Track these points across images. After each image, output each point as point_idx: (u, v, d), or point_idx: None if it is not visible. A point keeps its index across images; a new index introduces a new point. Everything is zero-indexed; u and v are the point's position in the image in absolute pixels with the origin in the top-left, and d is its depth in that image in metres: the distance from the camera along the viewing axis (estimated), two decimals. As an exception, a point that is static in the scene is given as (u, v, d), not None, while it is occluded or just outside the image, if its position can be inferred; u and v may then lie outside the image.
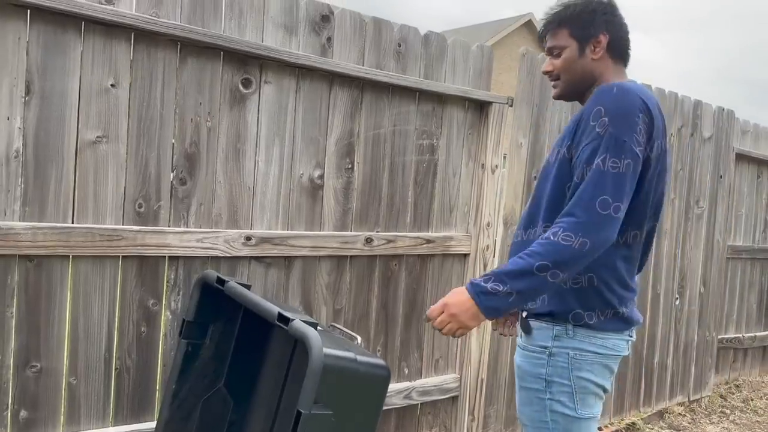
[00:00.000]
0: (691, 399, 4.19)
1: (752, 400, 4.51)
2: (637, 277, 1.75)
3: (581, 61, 1.70)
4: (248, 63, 2.21)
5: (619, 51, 1.73)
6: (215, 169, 2.19)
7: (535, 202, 1.73)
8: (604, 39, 1.69)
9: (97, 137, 1.97)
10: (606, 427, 3.62)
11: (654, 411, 3.93)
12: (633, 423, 3.72)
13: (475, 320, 1.53)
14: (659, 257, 3.79)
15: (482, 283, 1.51)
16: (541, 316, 1.67)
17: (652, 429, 3.78)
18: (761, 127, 4.65)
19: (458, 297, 1.53)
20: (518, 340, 1.77)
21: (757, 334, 4.84)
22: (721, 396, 4.50)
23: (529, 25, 22.94)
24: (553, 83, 1.78)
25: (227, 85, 2.18)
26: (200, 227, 2.17)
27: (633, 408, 3.79)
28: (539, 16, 1.86)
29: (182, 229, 2.13)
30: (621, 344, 1.69)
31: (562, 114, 3.19)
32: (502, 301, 1.50)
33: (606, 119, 1.53)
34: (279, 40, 2.26)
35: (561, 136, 1.71)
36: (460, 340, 2.99)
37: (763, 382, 4.93)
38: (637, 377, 3.79)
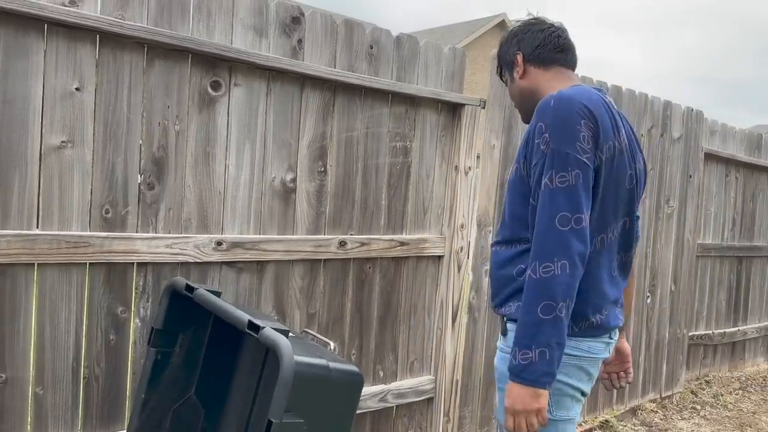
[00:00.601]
0: (663, 395, 4.25)
1: (722, 395, 4.59)
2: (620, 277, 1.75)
3: (513, 86, 1.83)
4: (217, 65, 2.18)
5: (543, 58, 1.77)
6: (184, 173, 2.15)
7: (504, 216, 1.76)
8: (518, 57, 1.79)
9: (62, 142, 1.92)
10: (579, 425, 3.65)
11: (627, 408, 3.98)
12: (606, 421, 3.77)
13: (538, 399, 1.49)
14: (631, 256, 3.84)
15: (518, 363, 1.49)
16: (513, 320, 1.65)
17: (625, 426, 3.83)
18: (729, 126, 4.74)
19: (513, 394, 1.51)
20: (498, 344, 1.77)
21: (727, 330, 4.94)
22: (692, 392, 4.57)
23: (502, 25, 23.08)
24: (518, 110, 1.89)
25: (196, 87, 2.15)
26: (169, 233, 2.13)
27: (606, 406, 3.84)
28: (512, 17, 1.89)
29: (151, 234, 2.09)
30: (598, 347, 1.68)
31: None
32: (541, 363, 1.47)
33: (547, 135, 1.53)
34: (249, 42, 2.23)
35: (519, 150, 1.71)
36: (435, 342, 2.99)
37: (732, 377, 5.03)
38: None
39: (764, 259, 5.27)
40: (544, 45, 1.76)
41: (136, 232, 2.07)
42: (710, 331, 4.77)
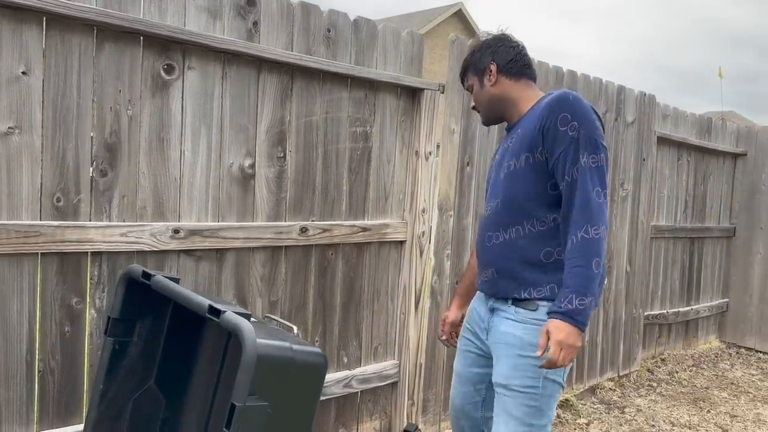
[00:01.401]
0: (621, 374, 4.36)
1: (677, 372, 4.74)
2: None
3: (484, 91, 2.03)
4: (170, 48, 2.13)
5: (515, 71, 1.99)
6: (138, 159, 2.10)
7: (504, 205, 1.90)
8: (493, 67, 1.99)
9: (9, 128, 1.85)
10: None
11: (586, 387, 4.07)
12: (567, 400, 3.85)
13: (581, 339, 1.73)
14: (588, 238, 3.91)
15: (574, 308, 1.70)
16: (546, 299, 1.83)
17: (585, 405, 3.92)
18: (680, 111, 4.87)
19: (565, 331, 1.69)
20: (513, 316, 1.88)
21: (680, 309, 5.09)
22: (649, 370, 4.71)
23: (459, 14, 23.22)
24: (480, 114, 2.10)
25: (148, 71, 2.09)
26: (124, 221, 2.08)
27: (566, 385, 3.92)
28: (469, 6, 1.94)
29: (105, 223, 2.03)
30: None
31: (492, 100, 3.23)
32: (589, 309, 1.72)
33: (576, 123, 1.77)
34: (203, 25, 2.19)
35: (517, 143, 1.90)
36: (398, 326, 3.00)
37: (686, 355, 5.19)
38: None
39: (715, 239, 5.45)
40: (516, 60, 1.99)
41: (90, 221, 2.01)
42: (665, 311, 4.92)
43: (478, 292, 2.10)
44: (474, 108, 2.11)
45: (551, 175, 1.82)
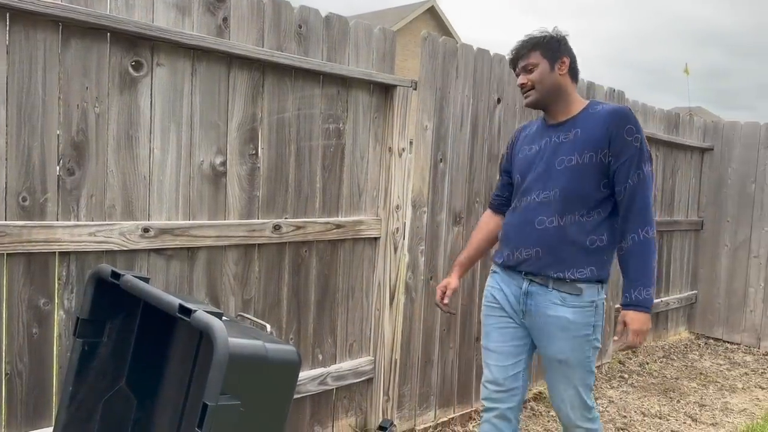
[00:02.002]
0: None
1: (647, 363, 4.83)
2: None
3: (552, 75, 2.20)
4: (138, 44, 2.09)
5: (575, 74, 2.25)
6: (106, 158, 2.06)
7: (562, 194, 2.15)
8: (567, 61, 2.21)
9: (-30, 126, 1.80)
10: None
11: (560, 380, 4.12)
12: (540, 392, 3.89)
13: (650, 321, 2.09)
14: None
15: (644, 298, 2.06)
16: (588, 281, 2.14)
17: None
18: (649, 106, 4.95)
19: (639, 320, 2.06)
20: (560, 302, 2.16)
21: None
22: (620, 362, 4.79)
23: (432, 11, 23.27)
24: (526, 93, 2.24)
25: (116, 68, 2.06)
26: (92, 220, 2.05)
27: (540, 378, 3.96)
28: (441, 3, 1.97)
29: (72, 222, 2.00)
30: None
31: (464, 98, 3.25)
32: (653, 297, 2.08)
33: (639, 135, 2.10)
34: (171, 21, 2.16)
35: (579, 141, 2.15)
36: (373, 322, 3.00)
37: (656, 346, 5.29)
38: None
39: (683, 233, 5.56)
40: (578, 66, 2.27)
41: (57, 220, 1.98)
42: (635, 303, 4.99)
43: (498, 273, 2.35)
44: (524, 85, 2.23)
45: (606, 175, 2.12)
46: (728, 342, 5.57)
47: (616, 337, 2.12)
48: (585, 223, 2.14)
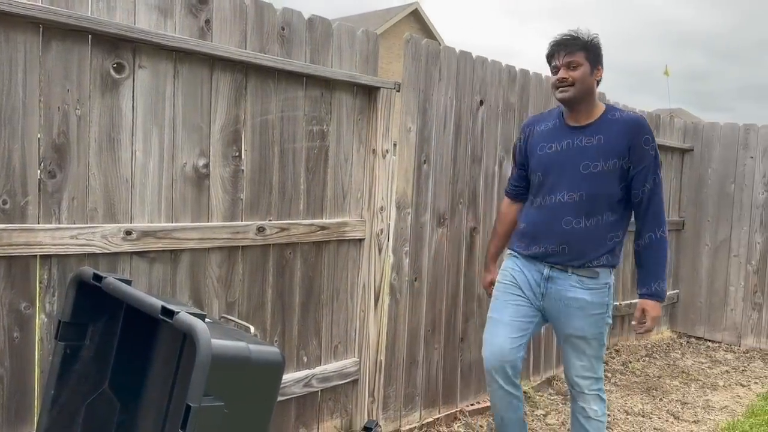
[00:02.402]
0: (577, 365, 4.46)
1: (630, 362, 4.88)
2: None
3: (590, 79, 2.41)
4: (120, 47, 2.09)
5: (599, 82, 2.49)
6: (88, 160, 2.05)
7: (587, 197, 2.40)
8: (602, 69, 2.46)
9: (-51, 128, 1.79)
10: (501, 398, 3.78)
11: (543, 379, 4.15)
12: (525, 392, 3.91)
13: (662, 308, 2.45)
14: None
15: (661, 290, 2.41)
16: (604, 266, 2.45)
17: (542, 396, 4.00)
18: (630, 108, 5.00)
19: (655, 308, 2.42)
20: (579, 284, 2.45)
21: (632, 301, 5.23)
22: (604, 361, 4.82)
23: (415, 14, 23.36)
24: (563, 88, 2.41)
25: (97, 70, 2.05)
26: (74, 223, 2.03)
27: (524, 378, 3.99)
28: (425, 6, 1.98)
29: (54, 225, 1.99)
30: None
31: (447, 99, 3.27)
32: (666, 288, 2.45)
33: (653, 145, 2.39)
34: (153, 23, 2.15)
35: (603, 148, 2.39)
36: (358, 324, 3.01)
37: (639, 345, 5.35)
38: (527, 348, 3.98)
39: (665, 232, 5.61)
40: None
41: (38, 224, 1.96)
42: (618, 303, 5.05)
43: (518, 257, 2.59)
44: (565, 80, 2.40)
45: (625, 180, 2.40)
46: (710, 340, 5.64)
47: (635, 322, 2.45)
48: (606, 223, 2.43)
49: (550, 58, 2.48)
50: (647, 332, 2.46)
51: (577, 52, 2.39)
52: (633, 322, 2.47)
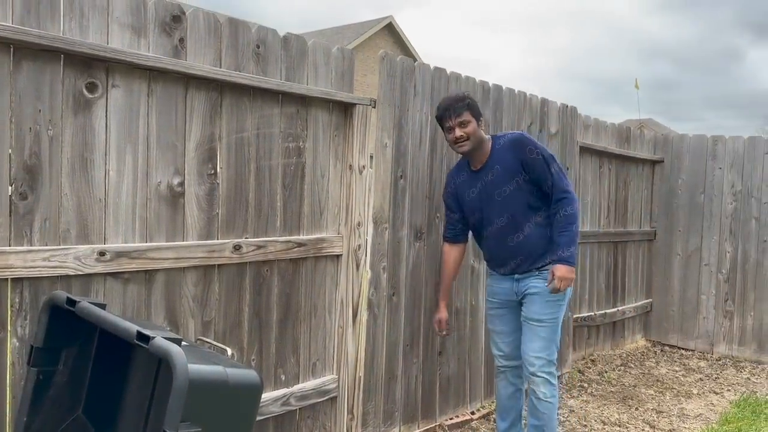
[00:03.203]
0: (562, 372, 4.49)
1: (606, 372, 4.93)
2: None
3: (478, 130, 2.92)
4: (93, 66, 2.07)
5: (485, 126, 3.03)
6: (60, 181, 2.02)
7: (513, 215, 2.91)
8: (483, 119, 2.98)
9: None
10: (479, 410, 3.79)
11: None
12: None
13: (573, 273, 2.82)
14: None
15: (572, 255, 2.81)
16: (545, 266, 2.93)
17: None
18: (601, 121, 5.09)
19: (566, 270, 2.80)
20: (538, 276, 2.94)
21: (607, 311, 5.30)
22: (579, 371, 4.87)
23: (390, 27, 23.54)
24: (461, 143, 2.91)
25: (70, 90, 2.03)
26: (46, 245, 2.00)
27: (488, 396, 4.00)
28: (399, 19, 2.03)
29: (25, 247, 1.95)
30: None
31: (422, 115, 3.30)
32: (575, 254, 2.86)
33: (537, 150, 2.90)
34: (127, 42, 2.14)
35: (500, 176, 2.92)
36: (336, 340, 3.00)
37: (614, 354, 5.41)
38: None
39: (637, 243, 5.71)
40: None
41: (9, 246, 1.93)
42: (593, 313, 5.11)
43: (495, 274, 3.10)
44: (461, 137, 2.89)
45: (534, 185, 2.88)
46: (683, 348, 5.72)
47: (546, 284, 2.86)
48: (538, 225, 2.92)
49: (441, 120, 2.96)
50: (555, 292, 2.83)
51: (463, 112, 2.87)
52: (546, 284, 2.88)
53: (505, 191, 2.90)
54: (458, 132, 2.88)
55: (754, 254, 5.40)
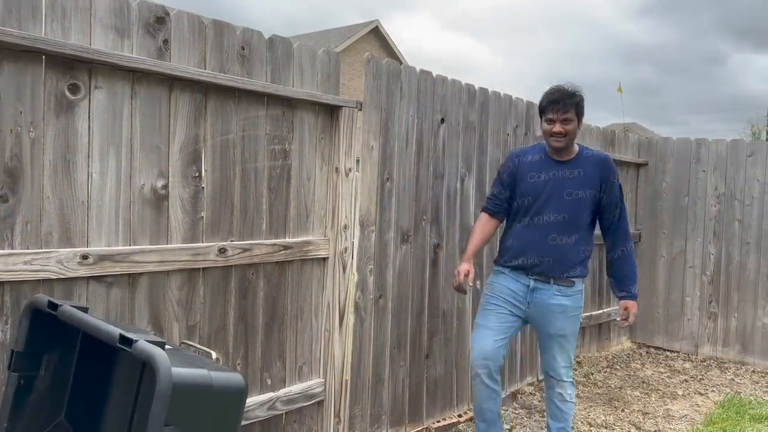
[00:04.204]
0: (539, 378, 4.51)
1: (592, 374, 4.95)
2: None
3: (576, 131, 2.93)
4: (75, 67, 2.04)
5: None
6: (42, 183, 2.00)
7: (569, 218, 2.90)
8: (582, 119, 2.96)
9: None
10: (466, 413, 3.79)
11: (508, 393, 4.18)
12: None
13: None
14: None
15: (636, 291, 3.01)
16: (578, 276, 2.96)
17: (507, 410, 4.02)
18: (586, 124, 5.11)
19: (635, 306, 3.00)
20: (558, 292, 2.94)
21: (593, 313, 5.33)
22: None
23: (376, 31, 23.59)
24: (558, 138, 2.90)
25: (52, 91, 2.00)
26: (28, 248, 1.97)
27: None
28: (384, 23, 1.99)
29: (6, 251, 1.92)
30: None
31: (408, 118, 3.30)
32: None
33: (618, 179, 2.99)
34: (109, 43, 2.12)
35: (579, 180, 2.92)
36: (323, 344, 2.98)
37: (600, 356, 5.43)
38: (507, 349, 4.00)
39: (623, 245, 5.73)
40: None
41: (-11, 249, 1.90)
42: (580, 315, 5.12)
43: (503, 273, 3.03)
44: (560, 133, 2.88)
45: (596, 205, 2.94)
46: (668, 350, 5.76)
47: (618, 318, 3.01)
48: (581, 239, 2.94)
49: (545, 109, 2.93)
50: (630, 324, 3.03)
51: (570, 110, 2.87)
52: (618, 319, 3.03)
53: (575, 194, 2.90)
54: (558, 127, 2.88)
55: (737, 256, 5.45)
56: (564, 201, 2.90)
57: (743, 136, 28.97)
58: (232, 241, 2.56)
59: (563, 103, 2.86)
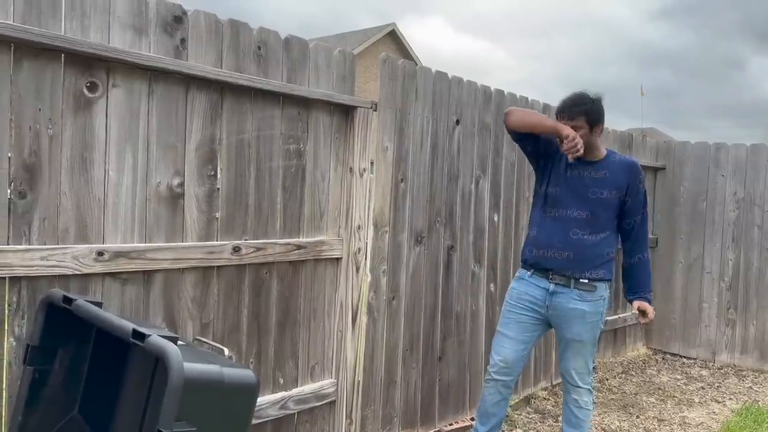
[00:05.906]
0: (554, 383, 4.47)
1: (607, 380, 4.90)
2: None
3: (590, 136, 2.87)
4: (94, 66, 2.07)
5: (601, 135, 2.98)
6: (60, 180, 2.02)
7: (592, 217, 2.89)
8: (602, 125, 2.93)
9: None
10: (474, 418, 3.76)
11: (521, 398, 4.15)
12: (504, 411, 3.90)
13: None
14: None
15: (651, 296, 3.03)
16: (602, 280, 2.91)
17: (520, 415, 4.00)
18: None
19: (651, 306, 3.01)
20: (578, 297, 2.89)
21: (608, 318, 5.27)
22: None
23: (392, 34, 23.62)
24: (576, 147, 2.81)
25: (70, 89, 2.03)
26: (45, 244, 1.99)
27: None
28: (401, 26, 1.99)
29: (24, 246, 1.94)
30: None
31: (423, 119, 3.30)
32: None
33: (644, 184, 2.97)
34: (128, 42, 2.14)
35: (605, 181, 2.89)
36: (335, 344, 2.98)
37: (615, 362, 5.38)
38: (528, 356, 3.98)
39: (639, 250, 5.68)
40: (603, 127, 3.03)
41: (8, 244, 1.92)
42: (595, 320, 5.07)
43: (524, 279, 3.00)
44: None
45: (621, 208, 2.92)
46: (685, 357, 5.69)
47: (639, 317, 3.02)
48: (604, 240, 2.91)
49: (556, 117, 2.94)
50: (647, 322, 3.06)
51: (577, 118, 2.84)
52: (639, 318, 3.05)
53: (600, 193, 2.88)
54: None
55: (756, 262, 5.38)
56: (588, 199, 2.90)
57: (764, 141, 28.56)
58: (246, 240, 2.57)
59: (568, 111, 2.88)
